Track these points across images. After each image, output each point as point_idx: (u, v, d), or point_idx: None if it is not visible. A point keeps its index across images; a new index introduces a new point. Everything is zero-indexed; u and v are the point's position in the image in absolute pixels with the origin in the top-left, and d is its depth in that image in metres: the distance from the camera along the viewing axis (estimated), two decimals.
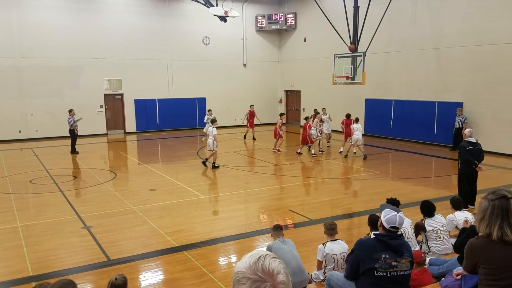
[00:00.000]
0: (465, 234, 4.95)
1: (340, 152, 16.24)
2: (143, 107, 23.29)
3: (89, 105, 21.65)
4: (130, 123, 23.29)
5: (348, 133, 15.90)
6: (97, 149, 18.85)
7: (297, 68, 25.57)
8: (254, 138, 19.92)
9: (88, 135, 20.95)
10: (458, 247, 4.97)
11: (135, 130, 23.32)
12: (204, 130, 19.52)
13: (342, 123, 16.54)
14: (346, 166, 14.34)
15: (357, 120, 15.72)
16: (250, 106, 20.34)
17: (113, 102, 22.86)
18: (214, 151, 13.59)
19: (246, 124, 20.56)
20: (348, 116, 16.44)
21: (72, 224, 8.61)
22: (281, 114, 17.72)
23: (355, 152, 15.90)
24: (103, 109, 22.51)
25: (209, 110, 20.06)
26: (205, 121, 20.20)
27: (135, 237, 7.88)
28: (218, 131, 13.91)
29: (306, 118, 16.29)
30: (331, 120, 18.25)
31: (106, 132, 22.72)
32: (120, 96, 22.87)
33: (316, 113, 17.17)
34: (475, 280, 3.30)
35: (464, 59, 16.49)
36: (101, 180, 12.35)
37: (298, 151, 16.30)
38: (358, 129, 15.20)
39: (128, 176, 13.67)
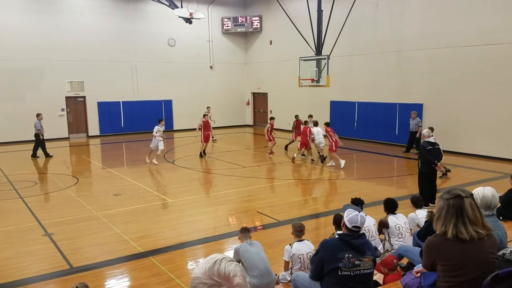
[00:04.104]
0: (427, 223, 5.65)
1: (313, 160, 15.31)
2: (107, 109, 22.77)
3: (50, 108, 20.95)
4: (93, 127, 22.72)
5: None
6: (59, 154, 18.24)
7: (264, 71, 25.69)
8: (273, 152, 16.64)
9: (49, 139, 20.25)
10: (420, 235, 5.70)
11: (98, 134, 22.77)
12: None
13: (326, 131, 14.43)
14: (313, 167, 14.53)
15: (316, 124, 15.37)
16: (270, 120, 16.93)
17: (75, 105, 22.24)
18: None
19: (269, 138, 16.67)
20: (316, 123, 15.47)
21: (33, 231, 8.32)
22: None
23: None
24: (64, 112, 21.86)
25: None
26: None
27: (98, 244, 7.70)
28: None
29: (305, 122, 15.58)
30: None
31: (68, 136, 22.07)
32: (82, 99, 22.28)
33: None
34: (434, 277, 3.41)
35: (423, 62, 17.07)
36: (63, 186, 11.98)
37: (296, 155, 15.12)
38: (319, 133, 14.99)
39: (92, 181, 13.33)
